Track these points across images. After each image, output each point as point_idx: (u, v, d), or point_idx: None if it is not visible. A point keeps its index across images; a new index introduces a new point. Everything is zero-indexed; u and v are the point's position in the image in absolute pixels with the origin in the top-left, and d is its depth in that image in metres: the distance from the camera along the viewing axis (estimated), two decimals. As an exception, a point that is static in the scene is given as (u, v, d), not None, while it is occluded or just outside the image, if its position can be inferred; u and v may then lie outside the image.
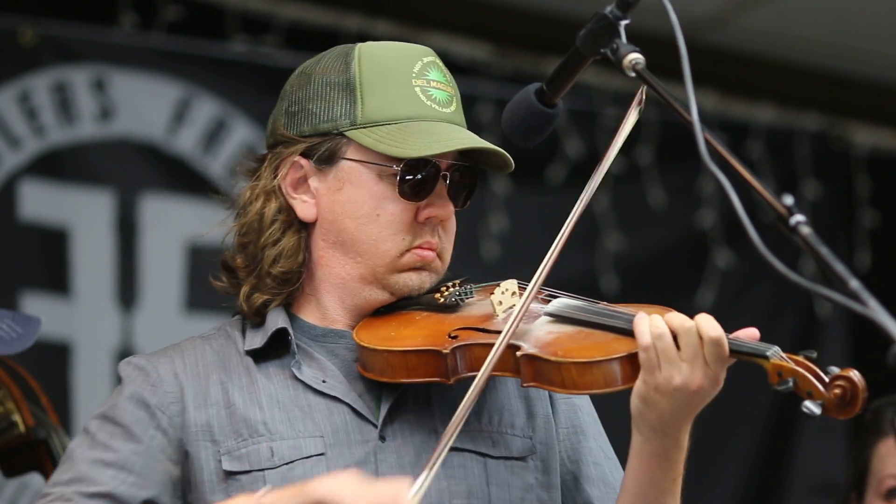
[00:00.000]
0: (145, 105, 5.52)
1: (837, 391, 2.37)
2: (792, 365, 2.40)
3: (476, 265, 5.63)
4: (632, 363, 2.48)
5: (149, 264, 5.47)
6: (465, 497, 2.60)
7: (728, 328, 2.49)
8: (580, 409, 2.78)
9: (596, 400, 2.76)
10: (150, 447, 2.60)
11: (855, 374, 2.38)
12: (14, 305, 5.11)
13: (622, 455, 2.67)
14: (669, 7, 2.41)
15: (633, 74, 2.46)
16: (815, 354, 2.42)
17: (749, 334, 2.50)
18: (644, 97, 2.60)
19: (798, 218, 2.24)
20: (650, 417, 2.50)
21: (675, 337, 2.46)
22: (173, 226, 5.50)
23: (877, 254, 6.46)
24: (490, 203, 5.85)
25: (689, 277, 6.21)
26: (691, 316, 2.48)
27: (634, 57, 2.47)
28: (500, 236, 5.86)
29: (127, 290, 5.43)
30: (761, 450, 6.20)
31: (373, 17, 5.83)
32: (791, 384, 2.40)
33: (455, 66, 5.69)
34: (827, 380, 2.39)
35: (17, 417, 3.47)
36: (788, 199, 2.24)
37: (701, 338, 2.46)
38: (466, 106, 2.78)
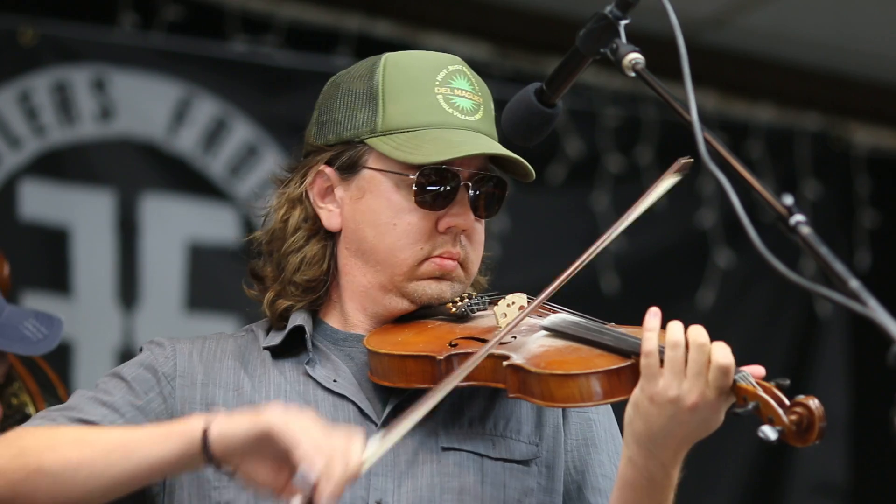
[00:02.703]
0: (145, 105, 5.52)
1: (794, 417, 2.34)
2: (757, 390, 2.38)
3: (476, 265, 5.62)
4: (610, 380, 2.46)
5: (149, 264, 5.47)
6: (456, 493, 2.59)
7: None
8: (596, 424, 2.74)
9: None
10: (147, 408, 2.62)
11: (813, 402, 2.35)
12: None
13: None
14: (669, 7, 2.41)
15: (632, 74, 2.46)
16: (787, 382, 2.40)
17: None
18: (684, 168, 2.58)
19: (798, 218, 2.24)
20: (638, 427, 2.45)
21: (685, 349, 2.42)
22: (173, 225, 5.50)
23: (877, 254, 6.46)
24: (490, 203, 5.84)
25: (689, 277, 6.20)
26: (692, 321, 2.46)
27: (634, 57, 2.46)
28: (500, 236, 5.85)
29: (128, 290, 5.43)
30: (762, 449, 6.19)
31: (373, 17, 5.82)
32: (752, 408, 2.37)
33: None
34: (788, 404, 2.36)
35: (31, 410, 3.47)
36: (788, 199, 2.24)
37: (710, 360, 2.41)
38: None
